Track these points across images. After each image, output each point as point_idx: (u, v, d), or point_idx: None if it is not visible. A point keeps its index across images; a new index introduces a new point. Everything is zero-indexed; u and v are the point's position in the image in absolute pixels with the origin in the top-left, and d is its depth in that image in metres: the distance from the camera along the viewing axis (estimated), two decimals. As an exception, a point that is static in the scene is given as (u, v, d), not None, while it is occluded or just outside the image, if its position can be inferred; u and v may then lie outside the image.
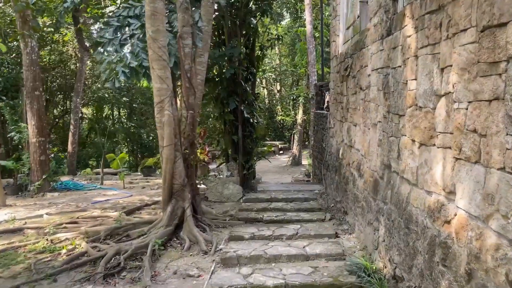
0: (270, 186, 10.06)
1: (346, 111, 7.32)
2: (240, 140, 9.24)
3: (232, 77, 9.06)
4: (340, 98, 7.87)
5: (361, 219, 5.89)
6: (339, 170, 7.83)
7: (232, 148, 9.46)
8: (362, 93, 6.04)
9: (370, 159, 5.54)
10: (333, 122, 8.89)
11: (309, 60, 16.86)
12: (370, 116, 5.54)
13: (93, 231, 6.36)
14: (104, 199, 9.25)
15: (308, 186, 10.17)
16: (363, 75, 5.98)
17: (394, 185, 4.50)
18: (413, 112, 3.91)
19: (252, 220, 7.05)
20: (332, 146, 8.88)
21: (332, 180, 8.48)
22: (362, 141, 6.01)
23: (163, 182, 6.22)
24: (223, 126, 9.44)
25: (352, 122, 6.83)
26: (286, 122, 30.53)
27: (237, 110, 9.18)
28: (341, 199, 7.52)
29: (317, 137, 11.42)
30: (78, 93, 17.99)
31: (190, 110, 6.50)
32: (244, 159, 9.38)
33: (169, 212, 6.15)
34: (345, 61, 7.37)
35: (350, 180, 6.76)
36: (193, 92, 6.55)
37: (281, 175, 20.83)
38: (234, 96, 9.00)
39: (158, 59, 5.88)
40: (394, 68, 4.47)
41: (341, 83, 7.82)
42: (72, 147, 17.78)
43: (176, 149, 6.16)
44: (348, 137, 7.07)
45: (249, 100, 9.37)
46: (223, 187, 8.86)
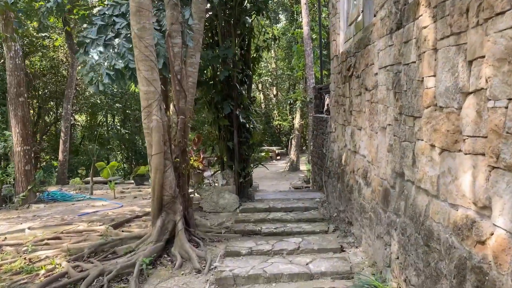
0: (268, 194, 9.55)
1: (349, 114, 6.84)
2: (235, 146, 8.73)
3: (226, 80, 8.57)
4: (342, 100, 7.39)
5: (369, 232, 5.38)
6: (341, 177, 7.33)
7: (227, 155, 8.95)
8: (367, 94, 5.56)
9: (378, 166, 5.04)
10: (334, 126, 8.40)
11: (307, 62, 16.42)
12: (378, 118, 5.05)
13: (76, 248, 5.82)
14: (92, 211, 8.70)
15: (308, 194, 9.66)
16: (368, 74, 5.50)
17: (409, 195, 4.00)
18: (432, 113, 3.42)
19: (249, 233, 6.52)
20: (334, 152, 8.38)
21: (334, 187, 7.98)
22: (369, 146, 5.51)
23: (152, 193, 5.69)
24: (217, 132, 8.94)
25: (356, 126, 6.34)
26: (283, 127, 30.10)
27: (232, 115, 8.68)
28: (344, 209, 7.01)
29: (316, 142, 10.93)
30: (69, 99, 17.45)
31: (181, 115, 5.98)
32: (240, 167, 8.87)
33: (159, 227, 5.62)
34: (347, 61, 6.89)
35: (355, 188, 6.26)
36: (184, 95, 6.04)
37: (279, 182, 20.33)
38: (229, 100, 8.50)
39: (145, 59, 5.38)
40: (407, 64, 3.98)
41: (342, 84, 7.34)
42: (63, 155, 17.21)
43: (165, 158, 5.64)
44: (352, 142, 6.58)
45: (245, 104, 8.87)
46: (219, 197, 8.34)
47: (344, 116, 7.27)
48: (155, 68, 5.48)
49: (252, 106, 9.29)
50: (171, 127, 6.03)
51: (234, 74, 8.52)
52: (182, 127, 6.00)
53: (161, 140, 5.47)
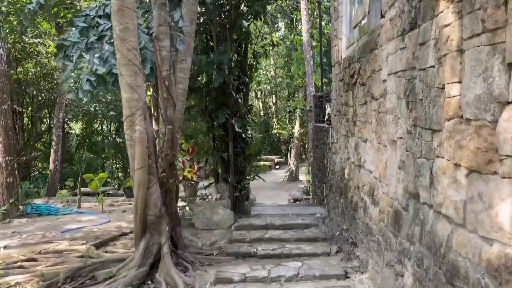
0: (265, 209, 8.97)
1: (352, 124, 6.30)
2: (231, 158, 8.17)
3: (221, 87, 8.04)
4: (345, 109, 6.86)
5: (377, 257, 4.81)
6: (344, 192, 6.77)
7: (222, 167, 8.39)
8: (374, 103, 5.02)
9: (387, 184, 4.49)
10: (336, 137, 7.86)
11: (306, 70, 15.95)
12: (387, 130, 4.51)
13: (51, 273, 5.23)
14: (76, 227, 8.11)
15: (308, 208, 9.09)
16: (375, 81, 4.97)
17: (425, 221, 3.44)
18: (456, 127, 2.88)
19: (244, 255, 5.94)
20: (335, 164, 7.84)
21: (337, 203, 7.42)
22: (376, 161, 4.96)
23: (135, 212, 5.12)
24: (212, 142, 8.39)
25: (361, 138, 5.80)
26: (282, 136, 29.59)
27: (227, 124, 8.14)
28: (348, 228, 6.45)
29: (317, 153, 10.39)
30: (61, 107, 16.92)
31: (168, 124, 5.44)
32: (235, 180, 8.31)
33: (142, 250, 5.05)
34: (350, 67, 6.38)
35: (360, 206, 5.70)
36: (172, 103, 5.50)
37: (278, 192, 19.74)
38: (224, 108, 7.97)
39: (128, 63, 4.85)
40: (423, 69, 3.45)
41: (345, 92, 6.82)
42: (54, 165, 16.63)
43: (150, 172, 5.08)
44: (356, 155, 6.03)
45: (241, 112, 8.34)
46: (212, 212, 7.76)
47: (347, 127, 6.74)
48: (139, 73, 4.95)
49: (249, 114, 8.76)
50: (159, 138, 5.48)
51: (230, 81, 8.00)
52: (170, 138, 5.45)
53: (145, 153, 4.92)
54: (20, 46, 18.57)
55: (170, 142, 5.44)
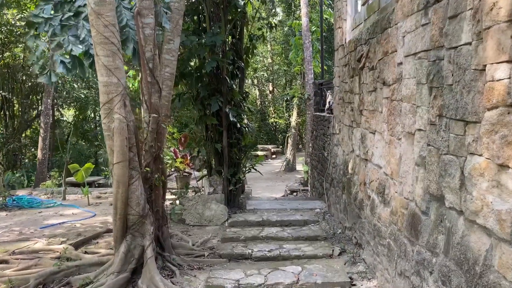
0: (261, 203, 8.41)
1: (358, 113, 5.71)
2: (225, 149, 7.58)
3: (214, 73, 7.41)
4: (350, 97, 6.26)
5: (387, 263, 4.27)
6: (348, 188, 6.21)
7: (215, 158, 7.80)
8: (386, 89, 4.43)
9: (402, 183, 3.92)
10: (338, 127, 7.28)
11: (305, 56, 15.27)
12: (402, 121, 3.92)
13: (20, 279, 4.66)
14: (58, 222, 7.54)
15: (307, 202, 8.54)
16: (388, 65, 4.36)
17: (453, 230, 2.88)
18: (502, 118, 2.30)
19: (238, 257, 5.39)
20: (337, 157, 7.27)
21: (338, 198, 6.87)
22: (387, 155, 4.39)
23: (114, 212, 4.53)
24: (204, 132, 7.78)
25: (368, 129, 5.22)
26: (279, 125, 29.00)
27: (221, 113, 7.53)
28: (352, 226, 5.91)
29: (316, 144, 9.81)
30: (49, 93, 16.19)
31: (153, 112, 4.82)
32: (230, 172, 7.73)
33: (123, 253, 4.47)
34: (356, 50, 5.76)
35: (366, 204, 5.14)
36: (157, 88, 4.88)
37: (275, 183, 19.23)
38: (217, 96, 7.34)
39: (104, 42, 4.21)
40: (455, 48, 2.85)
41: (350, 78, 6.22)
42: (42, 154, 15.97)
43: (132, 167, 4.48)
44: (363, 148, 5.45)
45: (236, 100, 7.72)
46: (204, 207, 7.20)
47: (351, 116, 6.15)
48: (117, 53, 4.31)
49: (245, 102, 8.14)
50: (141, 128, 4.86)
51: (224, 65, 7.36)
52: (155, 128, 4.83)
53: (125, 145, 4.31)
54: (6, 29, 17.76)
55: (154, 133, 4.82)
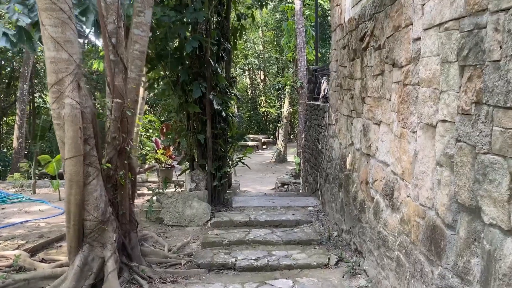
0: (249, 199, 7.68)
1: (359, 101, 4.97)
2: (208, 140, 6.80)
3: (197, 54, 6.60)
4: (349, 83, 5.51)
5: (395, 281, 3.56)
6: (345, 185, 5.50)
7: (198, 151, 7.03)
8: (397, 72, 3.68)
9: (417, 185, 3.19)
10: (334, 117, 6.54)
11: (298, 42, 14.46)
12: (419, 110, 3.18)
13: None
14: (20, 221, 6.72)
15: (299, 199, 7.83)
16: (400, 42, 3.61)
17: (497, 255, 2.16)
18: None
19: (219, 267, 4.64)
20: (333, 150, 6.54)
21: (334, 196, 6.16)
22: (397, 151, 3.66)
23: (67, 218, 3.74)
24: (186, 122, 6.99)
25: (372, 119, 4.48)
26: (270, 115, 28.22)
27: (204, 100, 6.73)
28: (350, 229, 5.20)
29: (309, 135, 9.07)
30: (26, 78, 15.19)
31: (116, 97, 4.02)
32: (214, 166, 6.96)
33: (78, 267, 3.70)
34: (358, 29, 5.00)
35: (369, 207, 4.43)
36: (122, 68, 4.08)
37: (265, 174, 18.54)
38: (200, 80, 6.54)
39: (51, 8, 3.39)
40: (505, 10, 2.10)
41: (350, 61, 5.46)
42: (18, 142, 15.04)
43: (88, 163, 3.69)
44: (365, 141, 4.72)
45: (222, 86, 6.92)
46: (185, 205, 6.44)
47: (351, 105, 5.41)
48: (69, 23, 3.49)
49: (232, 88, 7.34)
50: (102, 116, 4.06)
51: (207, 46, 6.54)
52: (119, 116, 4.04)
53: (79, 136, 3.51)
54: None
55: (118, 121, 4.02)
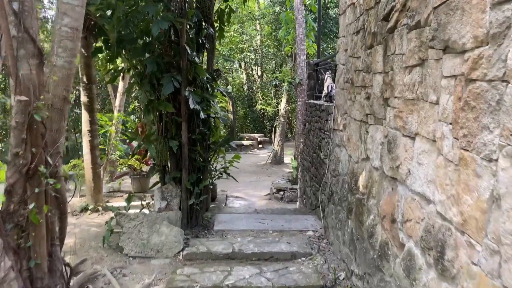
0: (235, 219, 6.32)
1: (381, 103, 3.62)
2: (184, 147, 5.44)
3: (170, 40, 5.23)
4: (364, 79, 4.17)
5: None
6: (358, 213, 4.17)
7: (171, 160, 5.67)
8: (453, 60, 2.32)
9: (500, 255, 1.85)
10: (342, 122, 5.20)
11: (297, 34, 13.11)
12: (504, 123, 1.83)
13: None
14: None
15: (297, 219, 6.49)
16: (463, 11, 2.24)
17: None
18: None
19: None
20: (340, 162, 5.20)
21: (341, 223, 4.83)
22: (452, 184, 2.31)
23: None
24: (156, 124, 5.62)
25: (401, 129, 3.13)
26: (267, 112, 26.87)
27: (180, 97, 5.37)
28: (364, 275, 3.87)
29: (309, 140, 7.72)
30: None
31: (24, 94, 2.66)
32: (192, 179, 5.61)
33: None
34: (380, 4, 3.64)
35: (395, 255, 3.09)
36: (33, 50, 2.71)
37: (259, 177, 17.21)
38: (174, 73, 5.17)
39: None
40: None
41: (366, 50, 4.11)
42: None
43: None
44: (390, 159, 3.37)
45: (202, 80, 5.56)
46: (151, 230, 5.10)
47: (367, 107, 4.07)
48: None
49: (215, 84, 5.97)
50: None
51: (183, 29, 5.16)
52: (24, 122, 2.67)
53: None
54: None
55: (24, 130, 2.67)
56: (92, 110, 6.94)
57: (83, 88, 6.94)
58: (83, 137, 7.01)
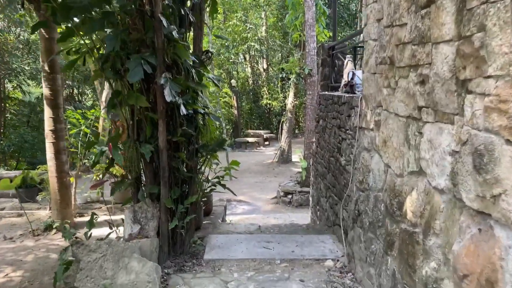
0: (233, 242, 4.98)
1: (451, 88, 2.25)
2: (162, 154, 4.10)
3: (139, 8, 3.88)
4: (413, 54, 2.78)
5: None
6: (406, 251, 2.81)
7: (146, 171, 4.33)
8: None
9: None
10: (373, 117, 3.82)
11: (306, 19, 11.70)
12: None
13: None
14: None
15: (311, 240, 5.12)
16: None
17: None
18: None
19: None
20: (370, 172, 3.83)
21: (375, 258, 3.48)
22: None
23: None
24: (125, 122, 4.29)
25: (508, 132, 1.76)
26: (273, 107, 25.48)
27: (155, 87, 4.03)
28: None
29: (324, 140, 6.33)
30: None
31: None
32: (174, 195, 4.27)
33: None
34: None
35: None
36: None
37: (265, 178, 15.91)
38: (145, 53, 3.83)
39: None
40: None
41: (419, 11, 2.72)
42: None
43: None
44: (479, 182, 1.99)
45: (185, 64, 4.19)
46: (117, 266, 3.79)
47: (419, 96, 2.69)
48: None
49: (205, 69, 4.60)
50: None
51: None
52: None
53: None
54: None
55: None
56: (56, 105, 5.66)
57: (45, 78, 5.65)
58: (46, 138, 5.73)
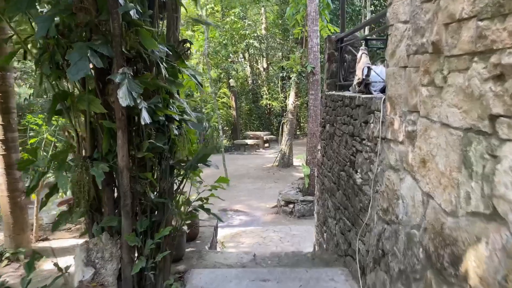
0: (220, 282, 3.96)
1: None
2: (122, 176, 3.09)
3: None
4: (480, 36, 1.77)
5: None
6: None
7: (105, 197, 3.32)
8: None
9: None
10: (404, 126, 2.81)
11: (308, 12, 10.70)
12: None
13: None
14: None
15: (318, 278, 4.11)
16: None
17: None
18: None
19: None
20: (401, 200, 2.82)
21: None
22: None
23: None
24: (74, 133, 3.29)
25: None
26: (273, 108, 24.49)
27: (111, 87, 3.03)
28: None
29: (332, 149, 5.32)
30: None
31: None
32: (142, 228, 3.26)
33: None
34: None
35: None
36: None
37: (264, 184, 14.90)
38: (97, 42, 2.84)
39: None
40: None
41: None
42: None
43: None
44: None
45: (152, 57, 3.18)
46: (59, 330, 2.77)
47: (491, 100, 1.67)
48: None
49: (181, 64, 3.59)
50: None
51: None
52: None
53: None
54: None
55: None
56: (7, 110, 4.68)
57: (-10, 77, 4.68)
58: (-7, 150, 4.75)
